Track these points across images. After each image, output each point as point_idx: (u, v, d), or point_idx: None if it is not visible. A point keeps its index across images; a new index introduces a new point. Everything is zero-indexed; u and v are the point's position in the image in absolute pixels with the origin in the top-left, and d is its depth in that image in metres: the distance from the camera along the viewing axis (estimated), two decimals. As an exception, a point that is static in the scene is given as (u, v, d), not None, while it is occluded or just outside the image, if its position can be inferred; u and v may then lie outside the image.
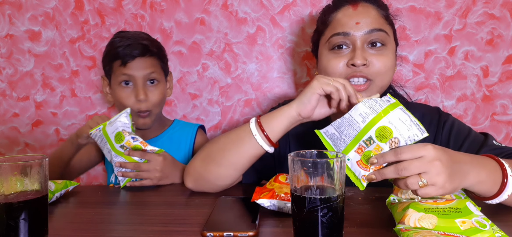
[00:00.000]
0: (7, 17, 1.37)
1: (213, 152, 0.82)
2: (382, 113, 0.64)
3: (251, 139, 0.78)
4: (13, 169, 0.56)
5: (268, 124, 0.77)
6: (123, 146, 0.93)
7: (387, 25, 0.87)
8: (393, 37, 0.89)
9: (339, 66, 0.85)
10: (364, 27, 0.84)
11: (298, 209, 0.52)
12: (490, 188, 0.62)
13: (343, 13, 0.87)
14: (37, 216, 0.57)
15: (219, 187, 0.85)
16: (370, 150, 0.63)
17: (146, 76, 1.05)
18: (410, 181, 0.57)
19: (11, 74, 1.40)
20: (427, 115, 0.90)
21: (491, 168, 0.63)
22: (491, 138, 0.81)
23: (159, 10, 1.32)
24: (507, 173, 0.62)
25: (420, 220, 0.55)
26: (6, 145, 1.43)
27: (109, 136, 0.94)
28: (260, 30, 1.29)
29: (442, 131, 0.87)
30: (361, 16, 0.85)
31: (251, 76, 1.32)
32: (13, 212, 0.54)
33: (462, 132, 0.85)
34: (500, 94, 1.24)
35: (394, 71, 0.88)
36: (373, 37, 0.84)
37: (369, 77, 0.83)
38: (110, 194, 0.90)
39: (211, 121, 1.36)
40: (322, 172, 0.52)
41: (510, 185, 0.62)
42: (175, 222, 0.69)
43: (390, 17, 0.90)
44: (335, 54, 0.86)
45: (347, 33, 0.84)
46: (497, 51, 1.22)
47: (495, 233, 0.52)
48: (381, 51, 0.84)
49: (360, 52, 0.83)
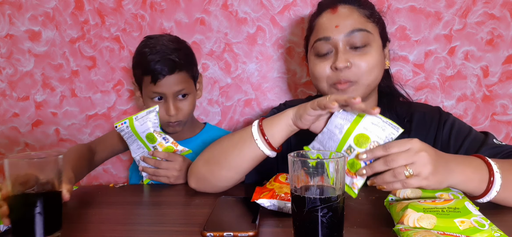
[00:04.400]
0: (7, 17, 1.37)
1: (216, 154, 0.83)
2: (355, 122, 0.66)
3: (252, 143, 0.77)
4: (30, 166, 0.59)
5: (269, 129, 0.77)
6: (155, 147, 0.96)
7: (370, 24, 0.86)
8: (379, 34, 0.88)
9: (325, 71, 0.86)
10: (344, 30, 0.84)
11: (298, 209, 0.52)
12: (477, 186, 0.64)
13: (324, 18, 0.88)
14: (52, 211, 0.60)
15: (222, 188, 0.85)
16: (352, 158, 0.66)
17: (176, 93, 1.03)
18: (397, 170, 0.60)
19: (11, 74, 1.40)
20: (428, 115, 0.91)
21: (477, 166, 0.65)
22: (492, 137, 0.82)
23: (159, 10, 1.32)
24: (493, 171, 0.64)
25: (419, 220, 0.55)
26: (6, 145, 1.44)
27: (140, 135, 0.95)
28: (260, 30, 1.30)
29: (442, 130, 0.87)
30: (340, 18, 0.85)
31: (251, 76, 1.32)
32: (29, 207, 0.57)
33: (462, 131, 0.85)
34: (500, 94, 1.24)
35: (382, 67, 0.88)
36: (354, 38, 0.84)
37: (353, 79, 0.84)
38: (110, 194, 0.90)
39: (211, 121, 1.36)
40: (322, 172, 0.52)
41: (497, 182, 0.64)
42: (175, 222, 0.69)
43: (375, 15, 0.88)
44: (320, 59, 0.88)
45: (328, 38, 0.85)
46: (497, 51, 1.23)
47: (494, 232, 0.52)
48: (364, 51, 0.84)
49: (342, 54, 0.83)
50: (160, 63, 0.99)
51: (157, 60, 0.99)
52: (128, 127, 0.94)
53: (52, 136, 1.42)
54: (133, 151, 0.98)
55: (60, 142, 1.42)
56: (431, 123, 0.89)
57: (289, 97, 1.32)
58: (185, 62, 1.04)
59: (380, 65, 0.87)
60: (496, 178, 0.64)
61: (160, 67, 0.99)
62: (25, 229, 0.58)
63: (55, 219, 0.61)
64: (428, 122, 0.89)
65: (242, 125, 1.35)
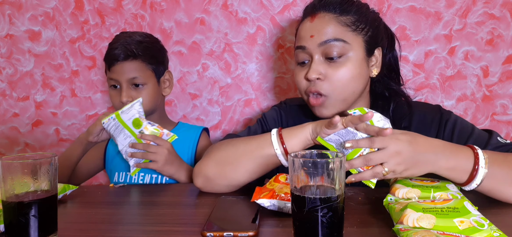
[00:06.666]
0: (7, 17, 1.37)
1: (230, 156, 0.82)
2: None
3: (271, 151, 0.79)
4: (24, 168, 0.57)
5: (289, 139, 0.78)
6: (141, 132, 0.96)
7: (349, 33, 0.83)
8: (363, 43, 0.84)
9: (302, 80, 0.86)
10: (318, 40, 0.83)
11: (298, 209, 0.52)
12: (460, 176, 0.68)
13: (303, 26, 0.88)
14: (47, 214, 0.59)
15: (229, 188, 0.85)
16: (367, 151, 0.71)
17: (129, 80, 1.05)
18: (375, 170, 0.68)
19: (11, 74, 1.40)
20: (428, 115, 0.89)
21: (463, 156, 0.68)
22: (496, 135, 0.81)
23: (159, 10, 1.32)
24: (478, 163, 0.67)
25: (418, 220, 0.55)
26: (6, 145, 1.44)
27: (126, 122, 0.97)
28: (260, 30, 1.30)
29: (444, 130, 0.86)
30: (316, 28, 0.84)
31: (251, 76, 1.33)
32: (24, 209, 0.56)
33: (465, 130, 0.84)
34: (500, 94, 1.24)
35: (362, 79, 0.85)
36: (329, 49, 0.82)
37: (323, 92, 0.83)
38: (110, 194, 0.90)
39: (211, 121, 1.36)
40: (322, 172, 0.52)
41: (480, 175, 0.67)
42: (175, 222, 0.69)
43: (360, 22, 0.84)
44: (299, 67, 0.88)
45: (304, 47, 0.85)
46: (497, 51, 1.23)
47: (493, 232, 0.52)
48: (340, 62, 0.82)
49: (315, 65, 0.83)
50: (117, 50, 1.04)
51: (115, 47, 1.04)
52: (115, 119, 0.98)
53: (52, 136, 1.42)
54: (120, 142, 0.98)
55: (60, 142, 1.42)
56: (431, 123, 0.88)
57: (289, 97, 1.32)
58: (143, 53, 1.07)
59: (359, 77, 0.84)
60: (480, 171, 0.67)
61: (116, 53, 1.04)
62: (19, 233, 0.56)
63: (51, 222, 0.59)
64: (428, 123, 0.88)
65: (242, 125, 1.35)
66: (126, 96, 1.05)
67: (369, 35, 0.85)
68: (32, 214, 0.56)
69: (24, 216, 0.56)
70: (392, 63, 0.95)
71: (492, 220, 0.56)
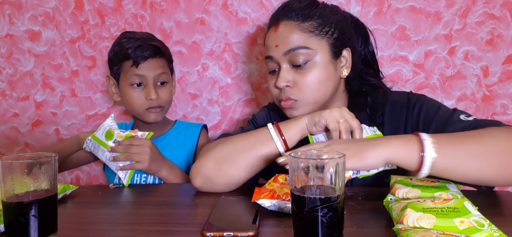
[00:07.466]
0: (7, 17, 1.37)
1: (230, 154, 0.82)
2: None
3: (270, 144, 0.80)
4: (24, 168, 0.57)
5: (287, 130, 0.80)
6: (115, 141, 0.97)
7: (313, 39, 0.84)
8: (328, 46, 0.85)
9: (274, 89, 0.90)
10: (282, 49, 0.85)
11: (298, 209, 0.52)
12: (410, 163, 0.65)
13: (268, 36, 0.90)
14: (47, 214, 0.58)
15: (229, 187, 0.84)
16: None
17: (157, 77, 1.08)
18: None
19: (11, 74, 1.40)
20: (398, 103, 0.89)
21: (403, 145, 0.66)
22: (458, 114, 0.79)
23: (159, 10, 1.32)
24: (424, 150, 0.63)
25: (418, 220, 0.55)
26: (6, 145, 1.44)
27: (100, 138, 0.99)
28: (260, 30, 1.30)
29: (412, 114, 0.85)
30: (279, 37, 0.85)
31: (251, 76, 1.33)
32: (24, 209, 0.56)
33: (430, 112, 0.83)
34: (500, 94, 1.24)
35: (331, 81, 0.86)
36: (294, 57, 0.84)
37: (294, 98, 0.86)
38: (110, 194, 0.90)
39: (211, 121, 1.36)
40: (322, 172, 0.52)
41: (428, 160, 0.63)
42: (175, 222, 0.69)
43: (324, 25, 0.85)
44: (270, 75, 0.91)
45: (271, 57, 0.88)
46: (497, 51, 1.23)
47: (493, 232, 0.52)
48: (306, 69, 0.84)
49: (283, 73, 0.86)
50: (141, 48, 1.04)
51: (138, 45, 1.04)
52: (91, 140, 1.00)
53: (52, 136, 1.42)
54: (102, 159, 1.00)
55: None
56: (400, 110, 0.87)
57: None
58: (165, 51, 1.10)
59: (327, 80, 0.85)
60: (426, 162, 0.63)
61: (142, 51, 1.04)
62: (19, 233, 0.56)
63: (51, 222, 0.59)
64: (398, 110, 0.88)
65: (242, 125, 1.35)
66: (154, 93, 1.06)
67: (334, 37, 0.86)
68: (32, 214, 0.56)
69: (24, 216, 0.56)
70: (369, 58, 0.96)
71: (492, 220, 0.56)
